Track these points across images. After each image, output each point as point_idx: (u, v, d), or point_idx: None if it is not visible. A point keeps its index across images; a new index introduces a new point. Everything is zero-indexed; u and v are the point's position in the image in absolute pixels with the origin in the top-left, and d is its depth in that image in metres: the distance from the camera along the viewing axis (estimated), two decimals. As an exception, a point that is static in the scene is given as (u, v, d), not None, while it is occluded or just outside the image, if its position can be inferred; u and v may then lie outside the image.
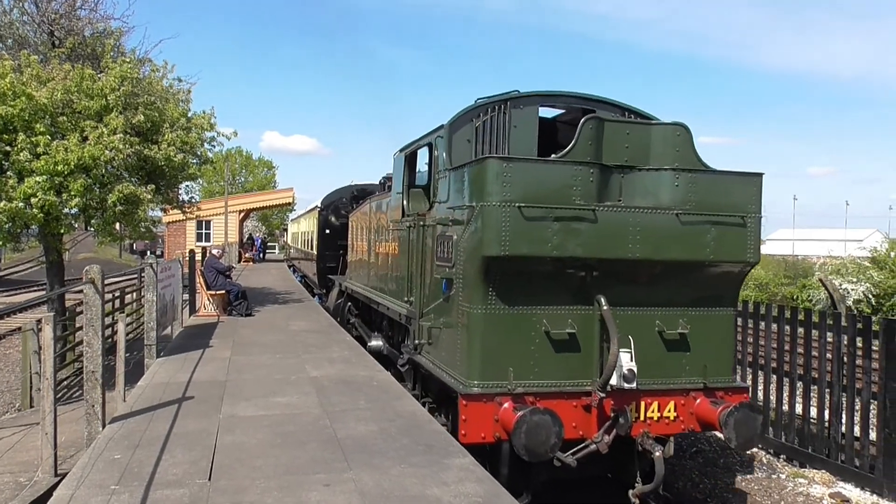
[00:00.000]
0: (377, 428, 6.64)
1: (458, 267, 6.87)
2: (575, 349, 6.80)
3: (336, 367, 9.63)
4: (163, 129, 12.93)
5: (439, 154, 7.97)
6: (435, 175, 7.99)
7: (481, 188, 6.45)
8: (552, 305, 6.72)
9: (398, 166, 10.10)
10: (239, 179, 65.05)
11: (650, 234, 6.72)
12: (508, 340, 6.64)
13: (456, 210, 7.01)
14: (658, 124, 7.20)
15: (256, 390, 8.13)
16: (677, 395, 7.07)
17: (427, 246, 8.13)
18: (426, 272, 8.14)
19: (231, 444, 6.09)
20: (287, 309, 17.24)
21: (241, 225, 47.89)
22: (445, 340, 7.42)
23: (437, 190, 7.86)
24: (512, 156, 7.03)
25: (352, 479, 5.23)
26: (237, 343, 11.64)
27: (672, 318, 7.07)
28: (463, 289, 6.83)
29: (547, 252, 6.42)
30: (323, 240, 21.13)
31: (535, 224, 6.37)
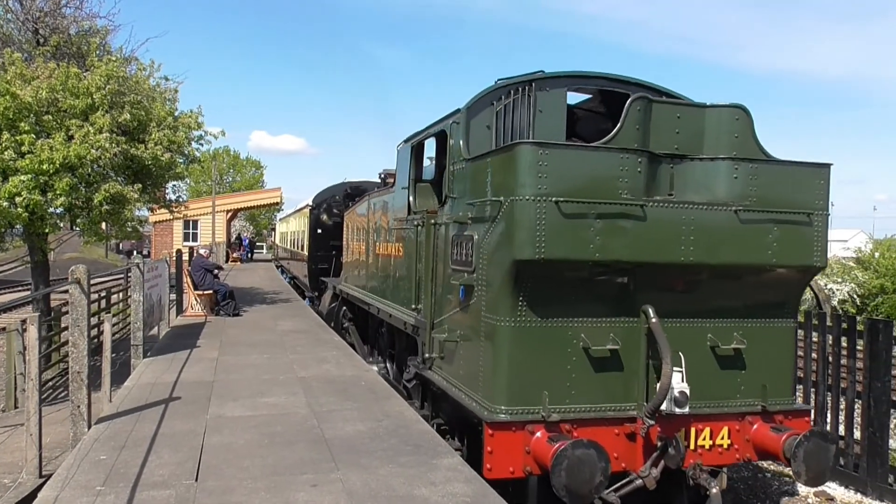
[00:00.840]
0: (365, 428, 6.63)
1: (481, 272, 6.05)
2: (617, 368, 5.95)
3: (324, 367, 9.61)
4: (149, 128, 12.87)
5: (455, 142, 7.03)
6: (450, 166, 7.04)
7: (511, 180, 5.55)
8: (591, 317, 5.88)
9: (403, 158, 9.15)
10: (227, 179, 64.75)
11: (705, 235, 5.88)
12: (541, 358, 5.78)
13: (477, 206, 6.17)
14: (714, 107, 6.25)
15: (244, 391, 8.10)
16: (731, 419, 6.22)
17: (439, 247, 7.28)
18: (438, 277, 7.28)
19: (218, 444, 6.07)
20: (275, 309, 17.18)
21: (228, 225, 47.68)
22: (463, 356, 6.56)
23: (451, 183, 6.97)
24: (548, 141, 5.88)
25: (339, 480, 5.22)
26: (225, 343, 11.59)
27: (726, 331, 6.24)
28: (486, 297, 5.99)
29: (588, 255, 5.56)
30: (314, 240, 20.34)
31: (575, 222, 5.52)
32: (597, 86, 7.62)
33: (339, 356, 10.53)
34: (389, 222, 9.91)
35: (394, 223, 9.52)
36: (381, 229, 10.54)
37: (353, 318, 13.95)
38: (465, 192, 6.62)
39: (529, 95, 7.14)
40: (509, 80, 7.19)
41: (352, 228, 13.92)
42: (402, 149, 9.26)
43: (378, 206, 11.00)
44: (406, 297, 8.58)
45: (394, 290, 9.50)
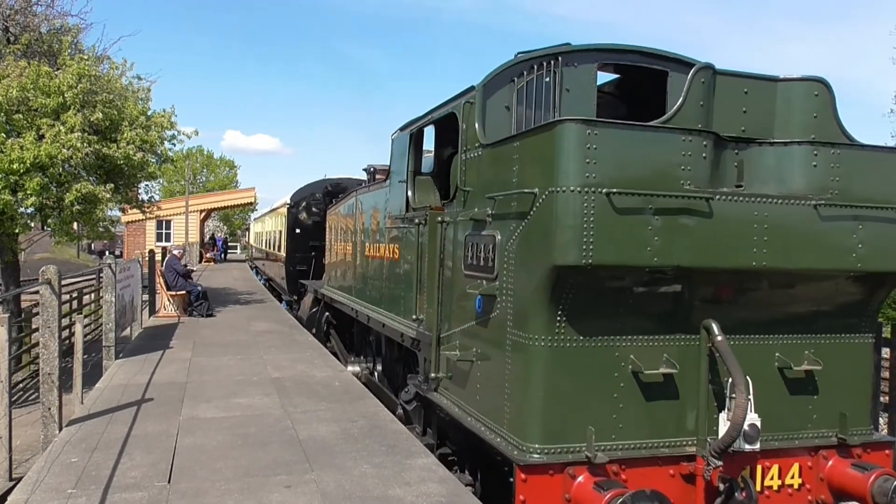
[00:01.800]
0: (339, 429, 6.65)
1: (506, 279, 5.07)
2: (671, 395, 5.01)
3: (298, 368, 9.60)
4: (122, 128, 12.75)
5: (468, 126, 6.02)
6: (461, 155, 6.07)
7: (550, 167, 4.57)
8: (641, 334, 4.93)
9: (400, 148, 8.07)
10: (200, 179, 64.10)
11: (780, 234, 4.91)
12: (583, 385, 4.83)
13: (499, 201, 5.22)
14: (788, 80, 5.27)
15: (217, 392, 8.08)
16: (802, 454, 5.29)
17: (447, 250, 6.32)
18: (446, 284, 6.29)
19: (191, 445, 6.05)
20: (249, 309, 17.10)
21: (202, 225, 47.28)
22: (482, 379, 5.55)
23: (463, 175, 5.99)
24: (598, 118, 4.83)
25: (313, 481, 5.24)
26: (198, 344, 11.52)
27: (796, 350, 5.28)
28: (514, 310, 5.00)
29: (645, 260, 4.58)
30: (292, 240, 19.31)
31: (630, 219, 4.55)
32: (630, 61, 6.48)
33: (313, 357, 10.52)
34: (381, 221, 8.96)
35: (388, 222, 8.49)
36: (372, 229, 9.54)
37: (337, 324, 13.15)
38: (481, 184, 5.66)
39: (554, 72, 6.08)
40: (531, 54, 6.15)
41: (335, 228, 12.95)
42: (398, 138, 8.24)
43: (367, 204, 9.99)
44: (405, 306, 7.62)
45: (388, 298, 8.52)
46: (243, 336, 12.62)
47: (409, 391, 7.35)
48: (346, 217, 11.76)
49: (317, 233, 17.03)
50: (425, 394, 6.67)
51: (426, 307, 6.71)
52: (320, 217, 17.03)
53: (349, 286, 11.05)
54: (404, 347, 7.83)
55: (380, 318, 8.73)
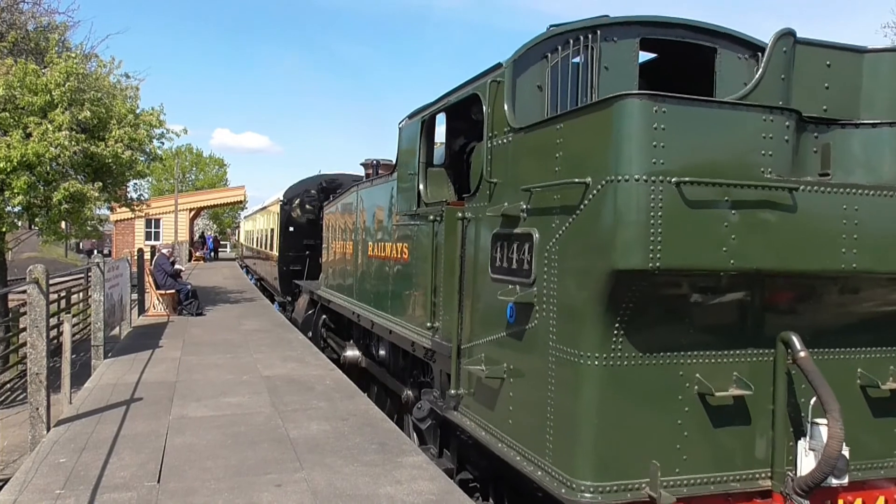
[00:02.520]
0: (330, 427, 6.63)
1: (546, 285, 4.43)
2: (741, 420, 4.36)
3: (288, 367, 9.57)
4: (110, 126, 12.69)
5: (495, 108, 5.30)
6: (487, 142, 5.33)
7: (608, 151, 3.90)
8: (708, 350, 4.29)
9: (409, 137, 7.31)
10: (189, 177, 63.83)
11: (873, 232, 4.21)
12: (643, 410, 4.17)
13: (536, 194, 4.55)
14: (877, 51, 4.64)
15: (207, 391, 8.04)
16: (889, 486, 4.67)
17: (469, 250, 5.62)
18: (468, 288, 5.61)
19: (181, 445, 6.02)
20: (239, 308, 17.04)
21: (191, 223, 47.11)
22: (515, 400, 4.88)
23: (489, 163, 5.29)
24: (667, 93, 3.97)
25: (304, 479, 5.23)
26: (187, 343, 11.47)
27: (881, 365, 4.64)
28: (558, 322, 4.34)
29: (721, 263, 3.91)
30: (286, 238, 18.43)
31: (703, 214, 3.88)
32: (676, 36, 5.72)
33: (303, 355, 10.49)
34: (387, 218, 8.25)
35: (395, 219, 7.76)
36: (376, 226, 8.81)
37: (335, 328, 12.37)
38: (512, 174, 4.98)
39: (591, 47, 5.40)
40: (565, 27, 5.46)
41: (333, 226, 12.00)
42: (408, 126, 7.44)
43: (370, 199, 9.27)
44: (416, 312, 6.97)
45: (396, 302, 7.79)
46: (233, 335, 12.57)
47: (422, 407, 6.66)
48: (345, 214, 10.95)
49: (311, 231, 16.55)
50: (443, 412, 6.02)
51: (443, 314, 6.11)
52: (315, 214, 16.58)
53: (349, 288, 10.27)
54: (412, 356, 7.26)
55: (385, 323, 7.97)
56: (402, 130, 7.68)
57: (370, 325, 8.67)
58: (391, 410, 8.79)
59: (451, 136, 7.40)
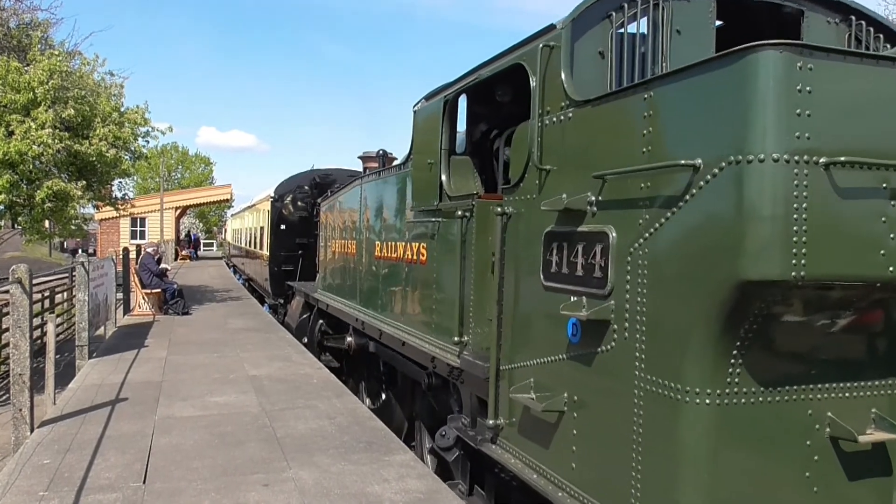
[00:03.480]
0: (317, 426, 6.61)
1: (631, 298, 3.51)
2: (880, 470, 3.50)
3: (275, 365, 9.53)
4: (94, 124, 12.58)
5: (548, 78, 4.35)
6: (537, 120, 4.37)
7: (733, 123, 3.00)
8: (840, 381, 3.40)
9: (428, 121, 6.28)
10: (175, 176, 63.49)
11: None
12: (762, 461, 3.32)
13: (614, 181, 3.65)
14: None
15: (193, 390, 7.99)
16: None
17: (512, 251, 4.69)
18: (511, 298, 4.69)
19: (167, 445, 5.98)
20: (225, 307, 16.96)
21: (177, 222, 46.83)
22: (582, 439, 3.96)
23: (540, 147, 4.35)
24: (815, 45, 3.07)
25: (291, 479, 5.20)
26: (173, 342, 11.40)
27: None
28: (648, 346, 3.43)
29: (878, 270, 3.06)
30: (277, 237, 17.47)
31: (858, 206, 3.04)
32: None
33: (290, 354, 10.46)
34: (396, 214, 7.36)
35: (409, 215, 6.80)
36: (384, 224, 7.81)
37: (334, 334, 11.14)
38: (574, 158, 4.07)
39: (661, 7, 4.59)
40: None
41: (332, 223, 10.91)
42: (426, 108, 6.48)
43: (376, 194, 8.24)
44: (437, 323, 6.06)
45: (410, 310, 6.85)
46: (220, 334, 12.50)
47: (446, 435, 5.70)
48: (346, 210, 9.86)
49: (304, 228, 15.97)
50: (478, 445, 5.07)
51: (474, 327, 5.32)
52: (308, 212, 16.05)
53: (351, 291, 9.24)
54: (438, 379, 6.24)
55: (397, 334, 7.02)
56: (417, 114, 6.66)
57: (377, 335, 7.70)
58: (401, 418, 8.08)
59: (475, 121, 6.41)
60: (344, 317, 9.48)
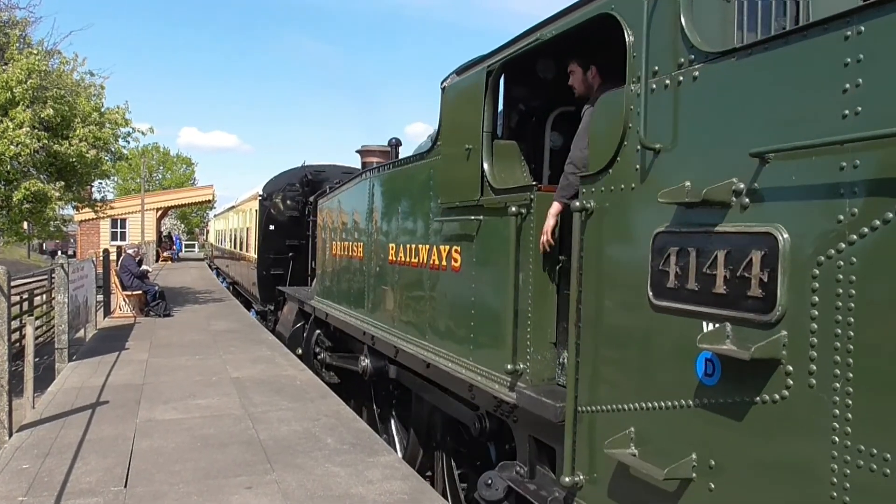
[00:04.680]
0: (300, 428, 6.57)
1: (822, 328, 2.53)
2: None
3: (258, 368, 9.48)
4: (73, 124, 12.45)
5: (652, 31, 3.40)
6: (638, 87, 3.41)
7: None
8: None
9: (464, 98, 5.24)
10: (156, 176, 62.98)
11: None
12: None
13: (782, 162, 2.69)
14: None
15: (175, 393, 7.92)
16: None
17: (592, 258, 3.71)
18: (591, 318, 3.71)
19: (148, 449, 5.93)
20: (207, 308, 16.85)
21: (158, 223, 46.47)
22: None
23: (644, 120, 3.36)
24: None
25: (275, 481, 5.17)
26: (155, 345, 11.30)
27: None
28: (860, 400, 2.39)
29: None
30: (266, 238, 16.26)
31: None
32: None
33: (273, 356, 10.40)
34: (418, 212, 6.22)
35: (438, 213, 5.67)
36: (400, 223, 6.69)
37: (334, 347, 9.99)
38: (703, 131, 3.11)
39: None
40: None
41: (332, 223, 9.67)
42: (461, 83, 5.37)
43: (390, 187, 7.15)
44: (481, 345, 4.95)
45: (440, 327, 5.67)
46: (202, 336, 12.41)
47: (494, 485, 4.67)
48: (349, 208, 8.69)
49: (295, 229, 15.14)
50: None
51: (532, 352, 4.29)
52: (299, 211, 15.30)
53: (358, 300, 8.01)
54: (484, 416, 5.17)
55: (420, 354, 5.90)
56: (448, 91, 5.59)
57: (393, 353, 6.62)
58: None
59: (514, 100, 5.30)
60: (351, 331, 8.26)
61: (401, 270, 6.56)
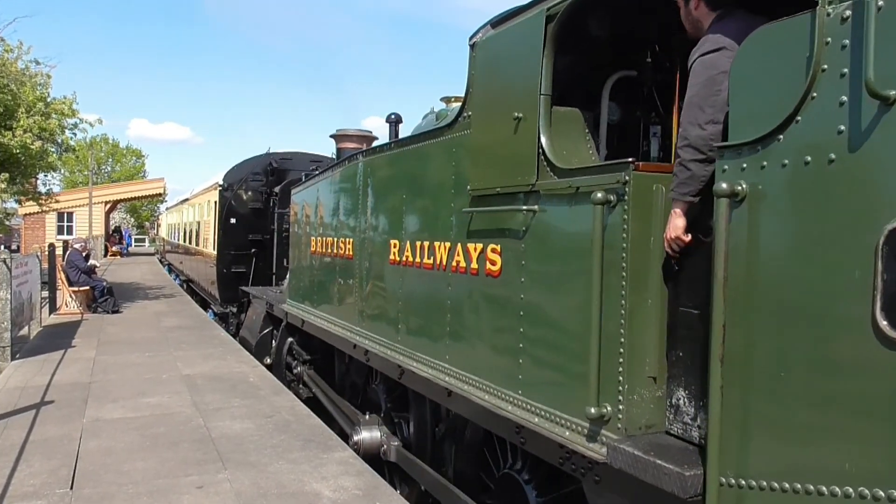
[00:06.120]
0: (254, 425, 6.49)
1: None
2: None
3: (210, 364, 9.33)
4: (17, 115, 12.07)
5: None
6: (865, 9, 2.22)
7: None
8: None
9: (509, 51, 4.15)
10: (105, 169, 61.42)
11: None
12: None
13: None
14: None
15: (124, 391, 7.75)
16: None
17: (742, 263, 2.63)
18: (743, 344, 2.62)
19: (96, 449, 5.79)
20: (158, 304, 16.53)
21: (107, 217, 45.38)
22: None
23: (886, 56, 2.18)
24: None
25: (227, 480, 5.10)
26: (103, 342, 11.04)
27: None
28: None
29: None
30: (226, 232, 14.96)
31: None
32: None
33: (226, 353, 10.25)
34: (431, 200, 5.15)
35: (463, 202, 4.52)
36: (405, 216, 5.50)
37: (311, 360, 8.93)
38: None
39: None
40: None
41: (310, 216, 8.45)
42: (505, 33, 4.21)
43: (392, 172, 5.97)
44: (537, 376, 3.81)
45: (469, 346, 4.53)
46: (152, 332, 12.17)
47: None
48: (332, 199, 7.54)
49: (259, 223, 14.28)
50: None
51: (626, 390, 3.17)
52: (263, 203, 14.45)
53: (345, 308, 6.86)
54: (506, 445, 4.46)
55: (440, 379, 4.75)
56: (482, 48, 4.42)
57: (397, 374, 5.47)
58: None
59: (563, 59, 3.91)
60: (336, 342, 7.07)
61: (407, 272, 5.41)
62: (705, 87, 2.92)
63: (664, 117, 4.10)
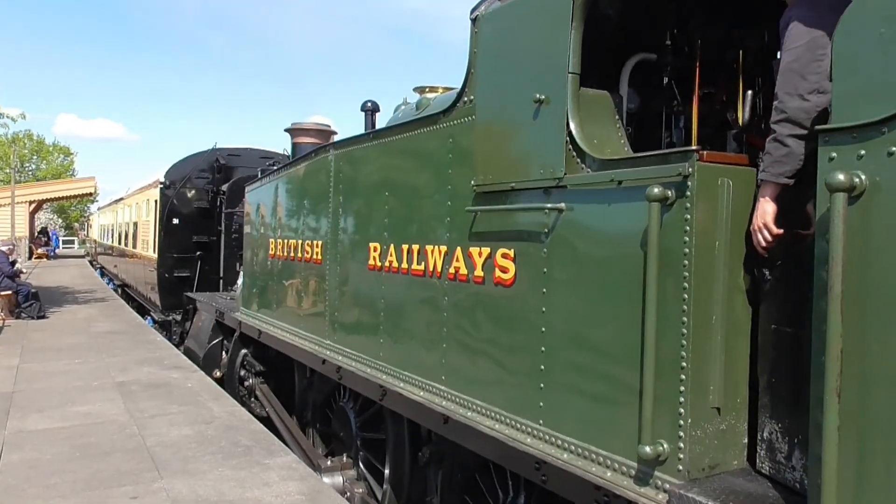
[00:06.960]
0: (192, 432, 6.27)
1: None
2: None
3: (145, 370, 8.99)
4: (-70, 110, 11.40)
5: None
6: None
7: None
8: None
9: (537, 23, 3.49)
10: (29, 167, 59.02)
11: None
12: None
13: None
14: None
15: (51, 400, 7.38)
16: None
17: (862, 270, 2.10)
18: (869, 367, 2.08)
19: (19, 461, 5.47)
20: (88, 309, 15.93)
21: (31, 218, 43.59)
22: None
23: None
24: None
25: (163, 489, 4.89)
26: (27, 349, 10.53)
27: None
28: None
29: None
30: (168, 233, 14.12)
31: None
32: None
33: (162, 357, 9.91)
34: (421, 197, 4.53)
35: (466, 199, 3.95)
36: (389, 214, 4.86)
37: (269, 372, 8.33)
38: None
39: None
40: None
41: (269, 217, 7.69)
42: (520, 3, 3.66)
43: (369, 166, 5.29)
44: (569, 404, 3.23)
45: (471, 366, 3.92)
46: (82, 338, 11.68)
47: None
48: (295, 197, 6.95)
49: (204, 223, 13.61)
50: None
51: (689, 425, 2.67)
52: (209, 202, 13.76)
53: (313, 319, 6.18)
54: None
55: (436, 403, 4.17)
56: (488, 21, 3.87)
57: (378, 395, 4.82)
58: None
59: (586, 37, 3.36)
60: (300, 356, 6.41)
61: (390, 280, 4.78)
62: (808, 50, 2.44)
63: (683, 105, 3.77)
